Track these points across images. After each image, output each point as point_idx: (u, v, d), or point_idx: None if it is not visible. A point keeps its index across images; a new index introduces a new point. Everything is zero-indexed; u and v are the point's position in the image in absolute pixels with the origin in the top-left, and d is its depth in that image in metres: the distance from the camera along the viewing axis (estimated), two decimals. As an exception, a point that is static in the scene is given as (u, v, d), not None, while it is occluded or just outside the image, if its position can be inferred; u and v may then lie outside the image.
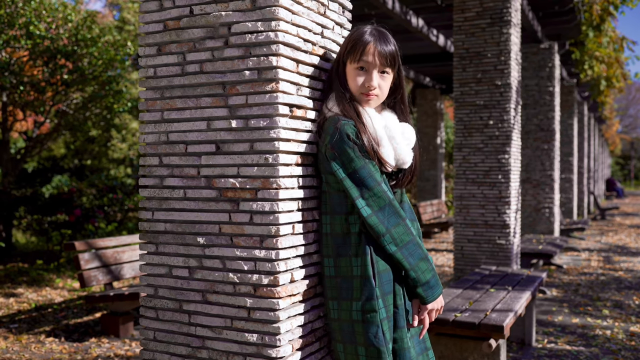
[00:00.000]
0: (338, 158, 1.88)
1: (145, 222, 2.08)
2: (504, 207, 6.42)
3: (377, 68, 1.97)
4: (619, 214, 20.12)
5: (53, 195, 9.47)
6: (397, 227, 1.89)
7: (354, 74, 1.97)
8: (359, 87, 1.97)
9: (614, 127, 37.84)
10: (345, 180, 1.88)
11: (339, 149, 1.88)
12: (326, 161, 1.93)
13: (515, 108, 6.59)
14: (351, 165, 1.87)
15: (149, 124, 2.07)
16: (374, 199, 1.88)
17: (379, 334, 1.86)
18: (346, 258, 1.92)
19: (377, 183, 1.89)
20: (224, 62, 1.92)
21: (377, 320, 1.87)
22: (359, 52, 1.95)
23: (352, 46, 1.97)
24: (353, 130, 1.89)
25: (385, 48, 1.96)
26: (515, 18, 6.58)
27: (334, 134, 1.89)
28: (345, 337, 1.93)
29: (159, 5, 2.04)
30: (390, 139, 1.98)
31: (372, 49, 1.94)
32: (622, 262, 9.23)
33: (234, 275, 1.90)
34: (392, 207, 1.90)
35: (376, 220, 1.87)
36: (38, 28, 8.13)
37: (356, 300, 1.89)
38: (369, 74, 1.96)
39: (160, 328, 2.05)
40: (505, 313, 3.54)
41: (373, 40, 1.95)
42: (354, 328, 1.89)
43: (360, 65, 1.96)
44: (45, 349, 4.59)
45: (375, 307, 1.87)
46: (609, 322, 5.48)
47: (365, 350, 1.88)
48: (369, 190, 1.87)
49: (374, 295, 1.87)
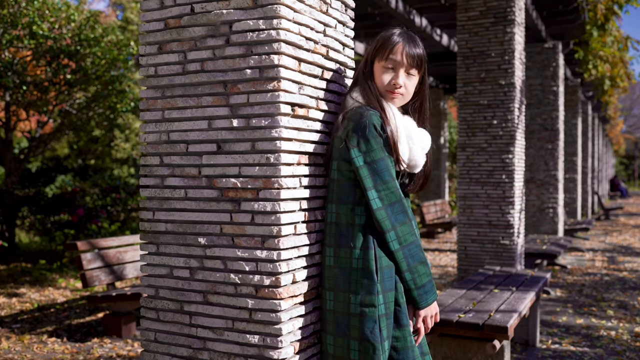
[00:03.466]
0: (359, 146, 1.89)
1: (146, 222, 2.07)
2: (507, 207, 6.38)
3: (404, 68, 2.01)
4: (623, 214, 20.04)
5: (56, 195, 9.48)
6: (403, 226, 1.90)
7: (381, 72, 2.02)
8: (386, 84, 2.01)
9: (618, 126, 37.75)
10: (363, 168, 1.88)
11: (363, 137, 1.88)
12: (343, 148, 1.92)
13: (519, 108, 6.56)
14: (371, 155, 1.88)
15: (149, 123, 2.05)
16: (386, 193, 1.88)
17: (375, 330, 1.85)
18: (346, 249, 1.91)
19: (392, 178, 1.90)
20: (225, 60, 1.91)
21: (375, 315, 1.85)
22: (388, 50, 2.00)
23: (381, 45, 2.02)
24: (379, 121, 1.91)
25: (414, 50, 2.02)
26: (519, 17, 6.54)
27: (359, 121, 1.90)
28: (337, 329, 1.91)
29: (160, 3, 2.02)
30: (408, 139, 2.00)
31: (400, 48, 1.99)
32: (626, 262, 9.18)
33: (235, 276, 1.88)
34: (401, 205, 1.91)
35: (384, 215, 1.87)
36: (41, 28, 8.13)
37: (354, 293, 1.87)
38: (396, 72, 2.01)
39: (161, 329, 2.03)
40: (509, 314, 3.52)
41: (402, 41, 2.01)
42: (350, 321, 1.88)
43: (388, 64, 2.00)
44: (47, 349, 4.58)
45: (374, 302, 1.85)
46: (613, 322, 5.45)
47: (358, 344, 1.86)
48: (383, 183, 1.88)
49: (374, 290, 1.86)
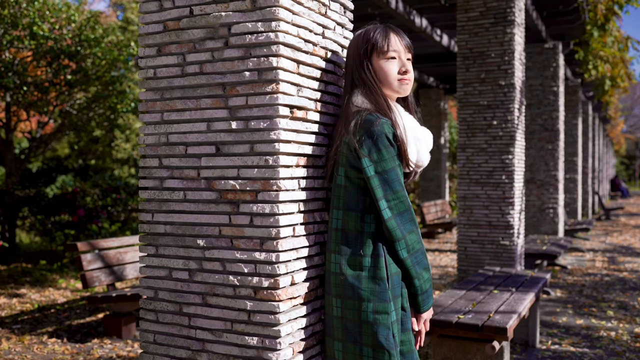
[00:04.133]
0: (370, 155, 1.88)
1: (145, 224, 2.07)
2: (507, 208, 6.39)
3: (404, 54, 2.03)
4: (624, 214, 20.03)
5: (57, 195, 9.48)
6: (411, 234, 1.91)
7: (387, 66, 2.01)
8: (396, 75, 2.01)
9: (618, 126, 37.71)
10: (373, 178, 1.88)
11: (375, 147, 1.87)
12: (352, 155, 1.91)
13: (519, 108, 6.56)
14: (382, 165, 1.88)
15: (148, 125, 2.05)
16: (396, 203, 1.88)
17: (389, 336, 1.86)
18: (355, 257, 1.90)
19: (402, 187, 1.91)
20: (224, 63, 1.91)
21: (388, 322, 1.86)
22: (386, 45, 2.00)
23: (374, 42, 2.00)
24: (391, 130, 1.90)
25: (402, 34, 2.06)
26: (519, 18, 6.54)
27: (370, 130, 1.88)
28: (347, 336, 1.91)
29: (159, 5, 2.03)
30: (415, 140, 2.00)
31: (395, 38, 2.02)
32: (626, 262, 9.18)
33: (234, 278, 1.89)
34: (410, 214, 1.91)
35: (395, 224, 1.88)
36: (42, 28, 8.14)
37: (366, 300, 1.87)
38: (401, 60, 2.02)
39: (160, 331, 2.04)
40: (508, 315, 3.52)
41: (391, 31, 2.03)
42: (362, 328, 1.88)
43: (391, 55, 2.00)
44: (47, 350, 4.59)
45: (387, 309, 1.86)
46: (613, 323, 5.45)
47: (372, 351, 1.86)
48: (393, 193, 1.88)
49: (387, 297, 1.87)
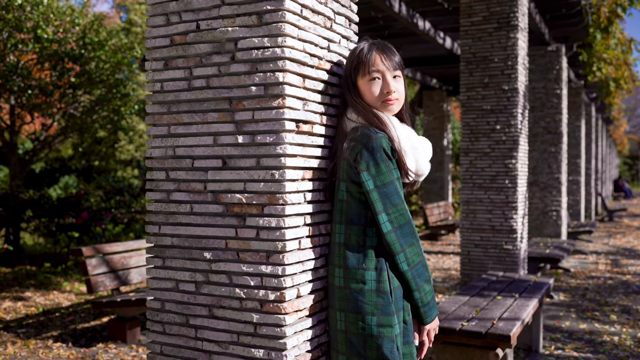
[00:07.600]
0: (369, 170, 1.89)
1: (152, 236, 2.09)
2: (511, 212, 6.39)
3: (389, 73, 2.00)
4: (627, 215, 20.00)
5: (61, 198, 9.51)
6: (411, 247, 1.91)
7: (369, 86, 2.00)
8: (378, 96, 2.00)
9: (621, 127, 37.69)
10: (373, 192, 1.88)
11: (373, 161, 1.88)
12: (352, 170, 1.92)
13: (523, 113, 6.56)
14: (381, 179, 1.88)
15: (155, 138, 2.07)
16: (396, 216, 1.89)
17: (394, 350, 1.87)
18: (359, 270, 1.91)
19: (401, 200, 1.91)
20: (230, 77, 1.93)
21: (392, 335, 1.88)
22: (367, 64, 1.98)
23: (357, 62, 2.00)
24: (388, 144, 1.91)
25: (389, 52, 2.02)
26: (522, 22, 6.55)
27: (367, 144, 1.89)
28: (351, 349, 1.92)
29: (166, 20, 2.04)
30: (413, 150, 2.00)
31: (378, 57, 1.99)
32: (629, 265, 9.18)
33: (240, 291, 1.91)
34: (410, 227, 1.92)
35: (394, 238, 1.88)
36: (46, 32, 8.17)
37: (370, 314, 1.88)
38: (384, 80, 2.00)
39: (167, 342, 2.05)
40: (512, 322, 3.53)
41: (375, 49, 2.00)
42: (366, 342, 1.89)
43: (373, 76, 1.99)
44: (52, 355, 4.61)
45: (391, 322, 1.88)
46: (616, 327, 5.45)
47: None
48: (393, 206, 1.89)
49: (390, 310, 1.88)
